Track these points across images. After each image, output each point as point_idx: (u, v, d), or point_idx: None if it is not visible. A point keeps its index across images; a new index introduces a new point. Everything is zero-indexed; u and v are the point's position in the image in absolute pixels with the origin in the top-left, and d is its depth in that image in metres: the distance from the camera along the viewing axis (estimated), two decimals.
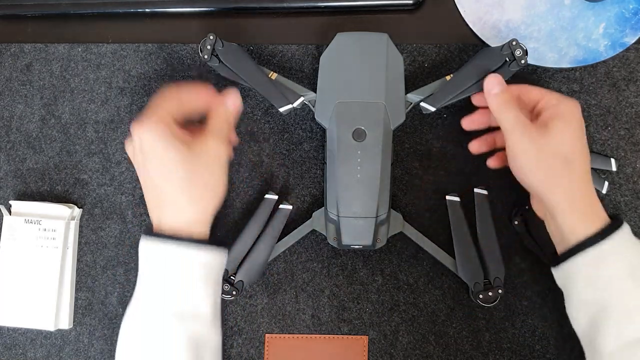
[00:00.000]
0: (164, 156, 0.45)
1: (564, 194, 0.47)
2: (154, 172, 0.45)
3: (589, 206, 0.48)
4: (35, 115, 0.63)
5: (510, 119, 0.48)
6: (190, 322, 0.45)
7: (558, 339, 0.57)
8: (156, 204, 0.47)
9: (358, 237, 0.53)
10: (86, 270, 0.61)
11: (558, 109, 0.48)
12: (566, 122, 0.48)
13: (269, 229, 0.57)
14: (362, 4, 0.60)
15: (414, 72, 0.60)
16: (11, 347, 0.61)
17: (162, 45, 0.62)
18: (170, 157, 0.45)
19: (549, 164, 0.47)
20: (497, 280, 0.55)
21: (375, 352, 0.58)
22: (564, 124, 0.48)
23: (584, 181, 0.48)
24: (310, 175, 0.60)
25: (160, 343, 0.44)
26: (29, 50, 0.64)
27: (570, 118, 0.48)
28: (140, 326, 0.45)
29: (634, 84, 0.59)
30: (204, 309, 0.46)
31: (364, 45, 0.54)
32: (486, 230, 0.56)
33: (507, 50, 0.53)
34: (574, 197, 0.47)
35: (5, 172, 0.63)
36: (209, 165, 0.46)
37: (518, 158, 0.48)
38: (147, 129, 0.45)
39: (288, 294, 0.59)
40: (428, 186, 0.59)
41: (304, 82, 0.60)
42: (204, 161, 0.46)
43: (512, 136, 0.48)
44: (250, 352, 0.59)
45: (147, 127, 0.45)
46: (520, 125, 0.48)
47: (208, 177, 0.46)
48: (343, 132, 0.53)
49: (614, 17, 0.58)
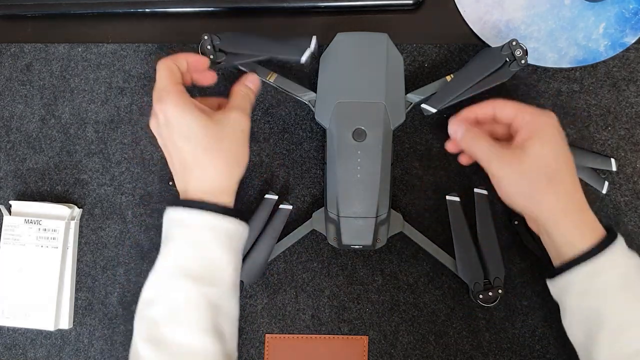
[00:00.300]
0: (191, 125, 0.46)
1: (553, 211, 0.47)
2: (181, 141, 0.47)
3: (581, 219, 0.48)
4: (35, 115, 0.63)
5: (483, 151, 0.49)
6: (212, 288, 0.45)
7: (558, 339, 0.57)
8: (183, 173, 0.48)
9: (358, 237, 0.53)
10: (86, 270, 0.61)
11: (532, 127, 0.48)
12: (542, 139, 0.47)
13: (269, 229, 0.57)
14: (362, 4, 0.60)
15: (414, 72, 0.60)
16: (11, 347, 0.61)
17: (162, 45, 0.62)
18: (196, 126, 0.47)
19: (533, 185, 0.47)
20: (497, 280, 0.55)
21: (375, 352, 0.58)
22: (540, 142, 0.47)
23: (573, 194, 0.48)
24: (310, 175, 0.60)
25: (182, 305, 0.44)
26: (29, 50, 0.64)
27: (546, 134, 0.47)
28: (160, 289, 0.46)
29: (634, 84, 0.59)
30: (223, 275, 0.46)
31: (364, 45, 0.54)
32: (486, 230, 0.56)
33: (507, 50, 0.53)
34: (565, 211, 0.47)
35: (5, 172, 0.63)
36: (232, 135, 0.48)
37: (501, 186, 0.48)
38: (170, 103, 0.47)
39: (288, 294, 0.59)
40: (428, 186, 0.59)
41: (304, 82, 0.60)
42: (228, 131, 0.48)
43: (490, 167, 0.48)
44: (250, 352, 0.59)
45: (170, 101, 0.47)
46: (494, 155, 0.48)
47: (232, 147, 0.48)
48: (343, 132, 0.53)
49: (614, 17, 0.58)
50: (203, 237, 0.46)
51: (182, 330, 0.44)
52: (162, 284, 0.46)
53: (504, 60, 0.54)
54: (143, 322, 0.45)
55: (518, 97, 0.59)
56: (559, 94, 0.59)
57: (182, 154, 0.47)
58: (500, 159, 0.48)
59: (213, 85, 0.54)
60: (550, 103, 0.59)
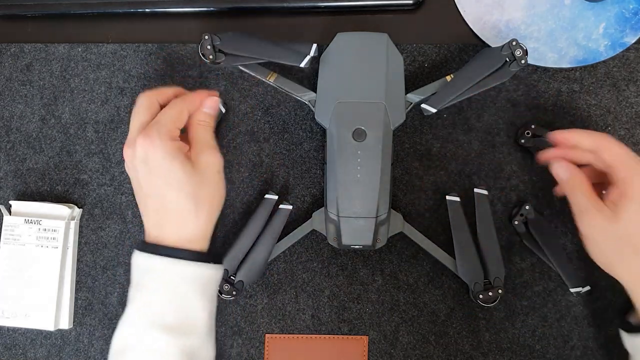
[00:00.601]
0: (172, 173, 0.45)
1: (635, 280, 0.47)
2: (164, 188, 0.45)
3: None
4: (35, 115, 0.63)
5: (580, 204, 0.47)
6: (185, 337, 0.44)
7: (558, 339, 0.57)
8: (158, 216, 0.46)
9: (358, 237, 0.53)
10: (86, 270, 0.61)
11: (628, 187, 0.45)
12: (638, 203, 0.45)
13: (269, 229, 0.57)
14: (362, 4, 0.60)
15: (414, 72, 0.60)
16: (11, 347, 0.61)
17: (162, 45, 0.62)
18: (178, 174, 0.45)
19: (618, 251, 0.46)
20: (497, 280, 0.55)
21: (375, 352, 0.58)
22: (635, 206, 0.45)
23: None
24: (310, 175, 0.60)
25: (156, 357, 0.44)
26: (29, 50, 0.63)
27: None
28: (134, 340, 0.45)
29: (634, 84, 0.59)
30: (199, 324, 0.45)
31: (364, 45, 0.54)
32: (486, 230, 0.56)
33: (507, 50, 0.53)
34: None
35: (5, 172, 0.63)
36: (212, 180, 0.47)
37: (587, 243, 0.48)
38: (156, 145, 0.45)
39: (288, 294, 0.59)
40: (428, 186, 0.59)
41: (304, 82, 0.60)
42: (207, 176, 0.46)
43: (582, 221, 0.47)
44: (250, 352, 0.59)
45: (156, 144, 0.45)
46: (590, 211, 0.47)
47: (212, 192, 0.47)
48: (343, 132, 0.53)
49: (614, 17, 0.58)
50: (178, 286, 0.45)
51: None
52: (135, 334, 0.45)
53: (504, 60, 0.54)
54: None
55: (518, 97, 0.59)
56: (559, 94, 0.59)
57: (162, 199, 0.45)
58: (592, 217, 0.46)
59: (214, 86, 0.54)
60: (550, 103, 0.59)
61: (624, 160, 0.46)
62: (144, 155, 0.45)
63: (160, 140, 0.45)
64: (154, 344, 0.44)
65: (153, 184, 0.46)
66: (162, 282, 0.45)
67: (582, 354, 0.57)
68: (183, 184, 0.45)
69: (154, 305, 0.45)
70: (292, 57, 0.53)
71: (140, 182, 0.47)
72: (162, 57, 0.62)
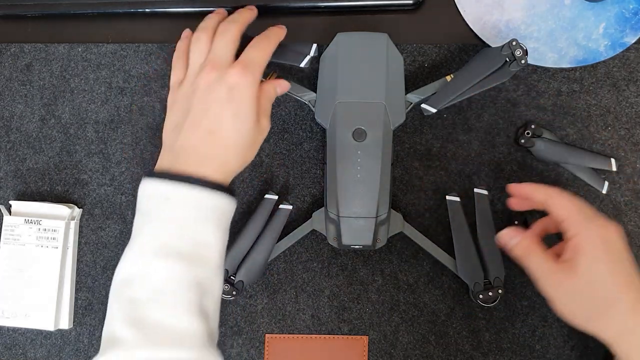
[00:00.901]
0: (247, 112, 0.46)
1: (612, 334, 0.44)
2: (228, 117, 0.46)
3: None
4: (35, 115, 0.63)
5: (536, 269, 0.47)
6: (200, 268, 0.43)
7: (558, 339, 0.57)
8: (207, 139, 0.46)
9: (358, 237, 0.53)
10: (86, 270, 0.61)
11: (580, 241, 0.44)
12: (592, 257, 0.44)
13: (269, 229, 0.57)
14: (362, 4, 0.60)
15: (414, 72, 0.60)
16: (11, 347, 0.61)
17: (162, 45, 0.62)
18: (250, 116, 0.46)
19: (586, 307, 0.44)
20: (497, 280, 0.55)
21: (375, 352, 0.58)
22: (590, 260, 0.44)
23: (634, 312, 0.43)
24: (310, 175, 0.60)
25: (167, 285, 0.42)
26: (29, 50, 0.64)
27: (596, 251, 0.44)
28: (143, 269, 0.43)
29: (634, 84, 0.59)
30: (212, 256, 0.44)
31: (364, 45, 0.54)
32: (486, 230, 0.56)
33: (507, 50, 0.53)
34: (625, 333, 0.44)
35: (5, 172, 0.63)
36: (259, 141, 0.49)
37: (556, 304, 0.46)
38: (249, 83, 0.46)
39: (288, 294, 0.59)
40: (428, 186, 0.59)
41: (304, 82, 0.60)
42: (259, 139, 0.48)
43: (543, 285, 0.46)
44: (250, 352, 0.59)
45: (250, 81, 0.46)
46: (544, 273, 0.46)
47: (254, 151, 0.49)
48: (343, 132, 0.53)
49: (614, 17, 0.58)
50: (197, 214, 0.44)
51: (167, 311, 0.42)
52: (143, 262, 0.43)
53: (504, 60, 0.54)
54: (121, 303, 0.43)
55: (518, 97, 0.59)
56: (559, 94, 0.59)
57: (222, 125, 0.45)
58: (548, 278, 0.45)
59: None
60: (550, 103, 0.59)
61: (572, 215, 0.46)
62: (235, 84, 0.46)
63: (255, 81, 0.46)
64: (164, 271, 0.42)
65: (224, 109, 0.46)
66: (181, 209, 0.44)
67: (582, 354, 0.57)
68: (248, 126, 0.46)
69: (167, 234, 0.43)
70: (292, 57, 0.53)
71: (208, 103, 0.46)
72: (162, 57, 0.62)
